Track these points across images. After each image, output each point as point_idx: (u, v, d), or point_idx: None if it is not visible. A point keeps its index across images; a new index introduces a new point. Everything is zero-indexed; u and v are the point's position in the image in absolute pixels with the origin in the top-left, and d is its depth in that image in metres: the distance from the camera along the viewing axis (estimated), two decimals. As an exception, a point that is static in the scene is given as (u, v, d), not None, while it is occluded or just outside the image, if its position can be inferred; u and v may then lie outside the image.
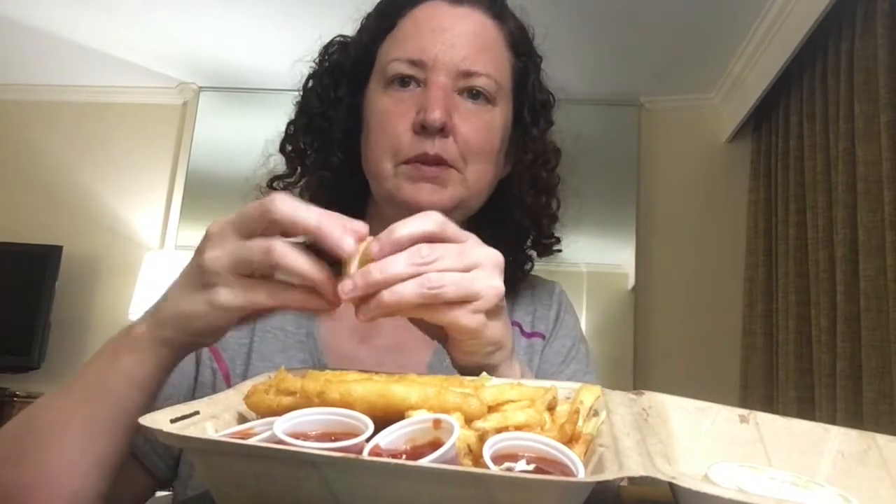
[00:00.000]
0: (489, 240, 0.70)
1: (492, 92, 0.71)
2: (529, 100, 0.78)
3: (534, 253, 0.84)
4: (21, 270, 2.98)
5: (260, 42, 2.83)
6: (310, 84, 0.81)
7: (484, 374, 0.52)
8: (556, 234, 0.83)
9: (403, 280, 0.45)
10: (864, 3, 1.94)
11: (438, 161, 0.69)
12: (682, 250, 2.90)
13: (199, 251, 0.48)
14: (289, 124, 0.81)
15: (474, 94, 0.70)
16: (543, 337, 0.81)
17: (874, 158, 1.83)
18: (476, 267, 0.48)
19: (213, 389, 0.70)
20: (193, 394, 0.71)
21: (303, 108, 0.81)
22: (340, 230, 0.45)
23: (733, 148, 2.92)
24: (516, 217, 0.79)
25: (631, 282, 2.91)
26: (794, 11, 2.25)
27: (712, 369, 2.69)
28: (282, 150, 0.81)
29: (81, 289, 3.11)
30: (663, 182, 2.99)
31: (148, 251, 3.04)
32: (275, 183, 0.80)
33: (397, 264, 0.45)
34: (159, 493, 0.72)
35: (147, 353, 0.51)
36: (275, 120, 0.88)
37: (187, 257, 0.51)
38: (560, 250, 0.84)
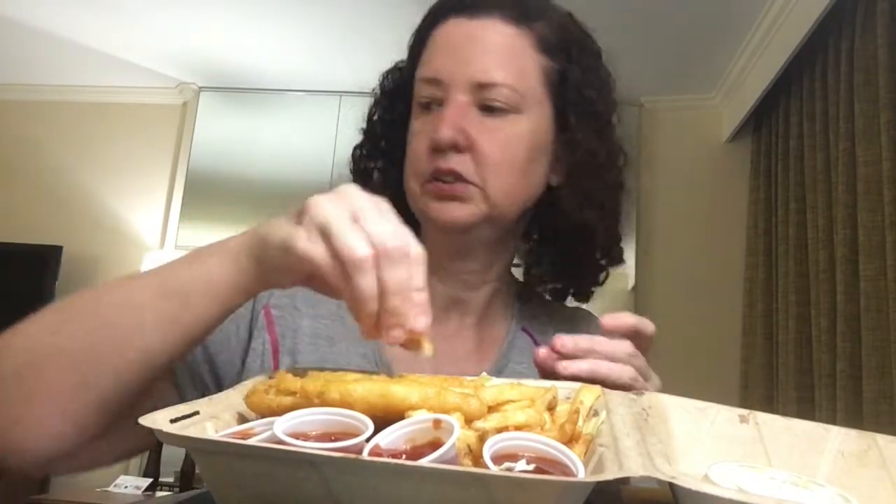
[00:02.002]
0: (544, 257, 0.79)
1: (512, 101, 0.70)
2: (573, 102, 0.75)
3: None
4: (21, 270, 2.99)
5: (260, 42, 2.83)
6: (373, 109, 0.84)
7: (484, 374, 0.52)
8: (614, 258, 0.81)
9: (618, 360, 0.57)
10: (864, 3, 1.94)
11: (454, 175, 0.68)
12: (682, 250, 2.90)
13: (318, 197, 0.49)
14: (355, 148, 0.84)
15: (494, 107, 0.69)
16: None
17: (874, 158, 1.83)
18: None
19: (262, 358, 0.70)
20: (246, 359, 0.71)
21: (366, 132, 0.83)
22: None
23: (733, 148, 2.93)
24: (566, 232, 0.77)
25: (631, 282, 2.91)
26: (794, 11, 2.25)
27: (712, 369, 2.69)
28: (351, 171, 0.84)
29: (81, 289, 3.11)
30: (663, 182, 2.99)
31: (148, 251, 3.04)
32: None
33: (618, 349, 0.58)
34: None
35: (231, 261, 0.51)
36: (275, 120, 0.89)
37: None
38: (597, 283, 0.83)
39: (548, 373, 0.56)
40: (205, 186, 3.19)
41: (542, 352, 0.57)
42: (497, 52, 0.70)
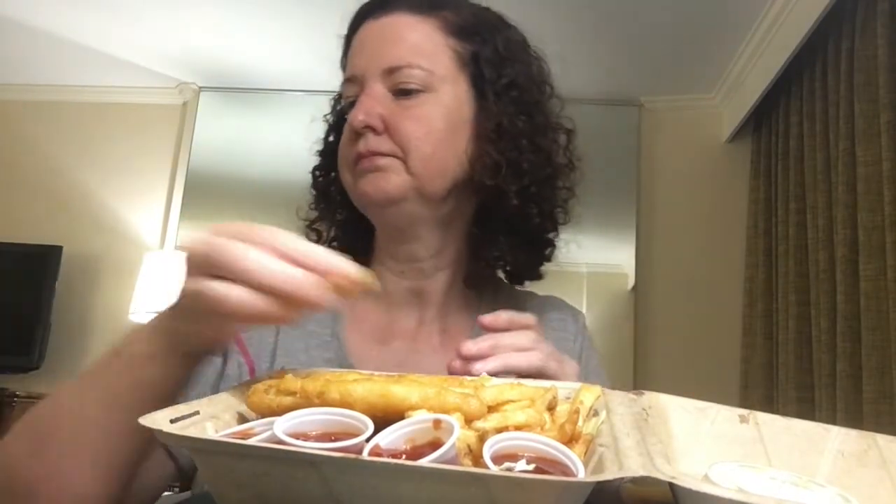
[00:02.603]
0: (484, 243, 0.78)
1: (424, 81, 0.72)
2: (488, 79, 0.76)
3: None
4: (21, 270, 2.98)
5: (260, 42, 2.83)
6: (327, 131, 0.87)
7: (484, 374, 0.52)
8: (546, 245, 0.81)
9: (525, 349, 0.60)
10: (864, 3, 1.94)
11: (375, 155, 0.71)
12: (682, 250, 2.90)
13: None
14: (313, 169, 0.86)
15: (407, 89, 0.72)
16: None
17: (874, 158, 1.83)
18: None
19: (238, 381, 0.71)
20: (219, 387, 0.72)
21: (321, 153, 0.87)
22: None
23: (733, 148, 2.93)
24: (499, 209, 0.76)
25: (631, 282, 2.91)
26: (794, 11, 2.25)
27: (712, 369, 2.69)
28: (311, 189, 0.86)
29: (81, 289, 3.11)
30: (663, 182, 2.99)
31: (148, 251, 3.04)
32: (314, 225, 0.85)
33: (521, 338, 0.61)
34: (164, 493, 0.72)
35: (168, 364, 0.51)
36: (275, 120, 0.91)
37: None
38: (505, 272, 0.83)
39: None
40: (205, 186, 3.18)
41: (455, 364, 0.59)
42: (404, 38, 0.74)
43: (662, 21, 2.47)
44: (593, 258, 2.90)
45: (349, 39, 0.79)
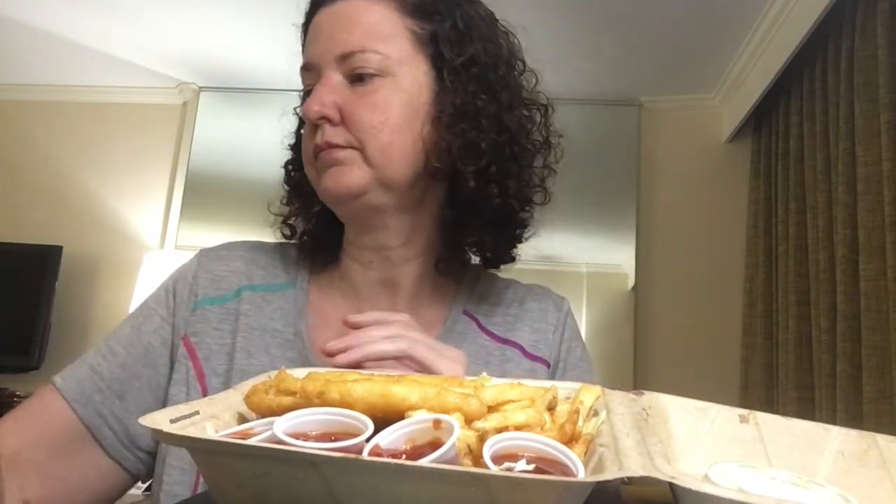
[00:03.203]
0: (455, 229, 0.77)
1: (380, 65, 0.70)
2: (448, 58, 0.74)
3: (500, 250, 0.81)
4: (21, 270, 2.98)
5: (260, 42, 2.83)
6: (298, 126, 0.87)
7: (484, 374, 0.52)
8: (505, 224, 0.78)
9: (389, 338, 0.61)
10: (864, 3, 1.94)
11: (331, 147, 0.71)
12: (682, 250, 2.90)
13: None
14: (285, 163, 0.87)
15: (362, 74, 0.71)
16: (548, 365, 0.79)
17: (874, 158, 1.83)
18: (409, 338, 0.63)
19: (187, 387, 0.71)
20: (168, 390, 0.72)
21: (293, 147, 0.87)
22: None
23: (733, 148, 2.93)
24: (464, 194, 0.74)
25: (631, 282, 2.91)
26: (794, 11, 2.25)
27: (712, 369, 2.69)
28: (284, 184, 0.86)
29: (81, 289, 3.11)
30: (663, 182, 2.99)
31: (148, 251, 3.04)
32: (288, 220, 0.85)
33: (391, 330, 0.62)
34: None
35: None
36: (275, 120, 0.92)
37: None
38: (476, 253, 0.81)
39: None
40: (205, 186, 3.18)
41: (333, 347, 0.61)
42: (359, 23, 0.72)
43: (662, 21, 2.47)
44: (593, 258, 2.89)
45: (306, 28, 0.78)
